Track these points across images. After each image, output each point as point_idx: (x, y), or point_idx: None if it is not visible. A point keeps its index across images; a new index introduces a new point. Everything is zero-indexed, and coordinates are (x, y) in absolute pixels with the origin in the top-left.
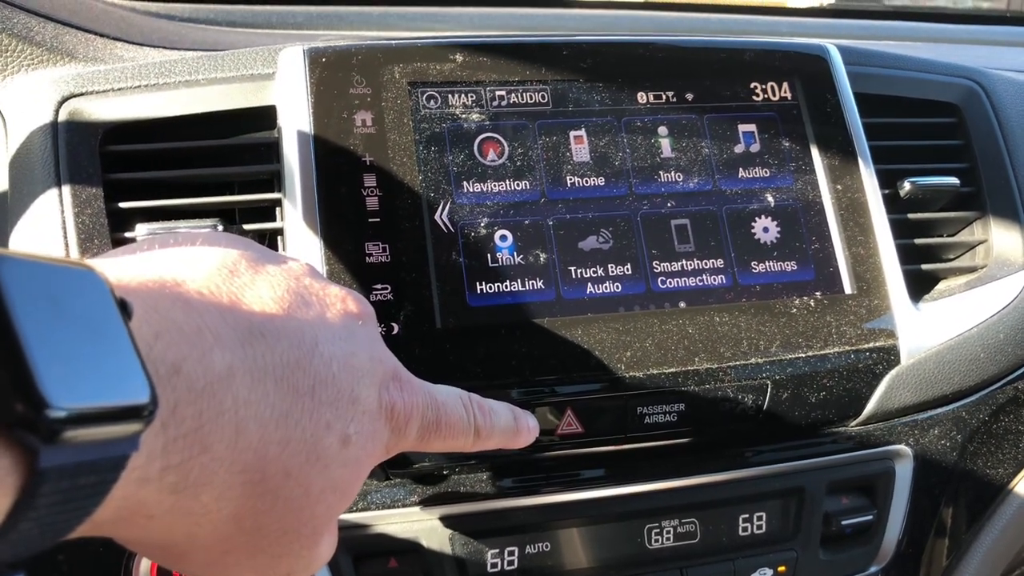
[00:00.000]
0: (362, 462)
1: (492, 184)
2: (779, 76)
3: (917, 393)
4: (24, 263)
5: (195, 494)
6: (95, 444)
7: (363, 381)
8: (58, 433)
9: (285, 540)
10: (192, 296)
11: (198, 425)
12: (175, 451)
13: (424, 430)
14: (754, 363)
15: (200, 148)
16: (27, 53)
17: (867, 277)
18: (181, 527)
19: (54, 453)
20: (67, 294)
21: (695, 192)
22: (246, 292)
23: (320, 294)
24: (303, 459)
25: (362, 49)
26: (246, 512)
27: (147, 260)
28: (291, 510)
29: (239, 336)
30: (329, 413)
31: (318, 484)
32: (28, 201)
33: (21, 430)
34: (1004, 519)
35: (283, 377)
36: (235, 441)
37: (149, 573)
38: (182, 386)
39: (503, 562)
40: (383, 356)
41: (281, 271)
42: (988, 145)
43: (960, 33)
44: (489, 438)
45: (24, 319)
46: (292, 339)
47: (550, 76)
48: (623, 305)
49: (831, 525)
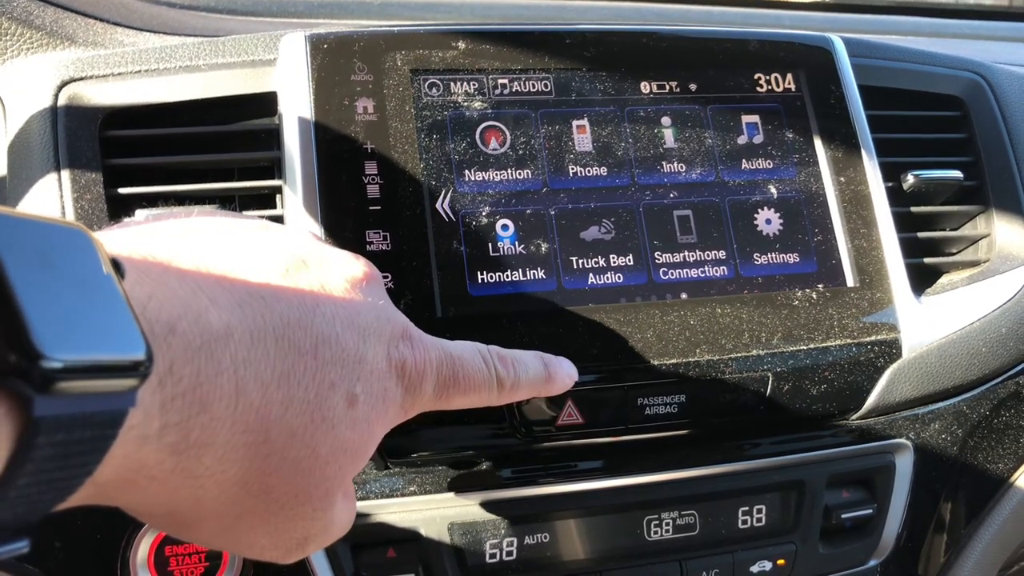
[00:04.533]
0: (372, 423)
1: (494, 173)
2: (783, 67)
3: (918, 387)
4: (16, 220)
5: (197, 455)
6: (91, 396)
7: (369, 340)
8: (52, 382)
9: (296, 503)
10: (185, 264)
11: (196, 384)
12: (173, 409)
13: (441, 386)
14: (755, 355)
15: (200, 134)
16: (27, 37)
17: (869, 270)
18: (186, 490)
19: (49, 403)
20: (60, 252)
21: (698, 183)
22: (243, 258)
23: (322, 255)
24: (307, 419)
25: (364, 36)
26: (252, 474)
27: (139, 232)
28: (299, 471)
29: (236, 298)
30: (333, 372)
31: (326, 445)
32: (27, 186)
33: (15, 379)
34: (1003, 514)
35: (283, 335)
36: (235, 401)
37: (147, 559)
38: (178, 344)
39: (502, 553)
40: (390, 315)
41: (279, 237)
42: (992, 139)
43: (963, 28)
44: (516, 389)
45: (17, 273)
46: (291, 299)
47: (553, 65)
48: (624, 296)
49: (831, 518)
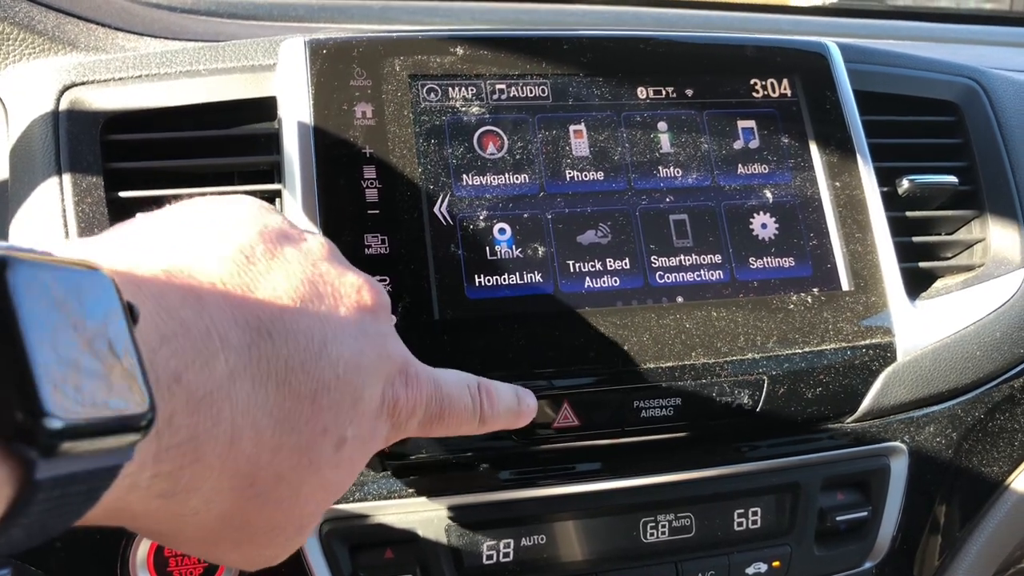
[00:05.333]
0: (356, 462)
1: (491, 177)
2: (779, 73)
3: (913, 390)
4: (32, 266)
5: (184, 499)
6: (90, 455)
7: (368, 380)
8: (56, 446)
9: (272, 534)
10: (203, 289)
11: (192, 435)
12: (167, 459)
13: (427, 422)
14: (751, 358)
15: (200, 138)
16: (29, 42)
17: (864, 274)
18: (167, 524)
19: (51, 465)
20: (75, 299)
21: (694, 188)
22: (260, 283)
23: (335, 283)
24: (295, 462)
25: (363, 41)
26: (235, 512)
27: (160, 243)
28: (279, 509)
29: (247, 336)
30: (328, 417)
31: (308, 485)
32: (28, 190)
33: (19, 443)
34: (998, 517)
35: (285, 380)
36: (228, 449)
37: (146, 560)
38: (181, 395)
39: (499, 554)
40: (392, 351)
41: (299, 256)
42: (987, 144)
43: (961, 33)
44: (494, 422)
45: (31, 329)
46: (300, 340)
47: (550, 70)
48: (621, 299)
49: (826, 521)
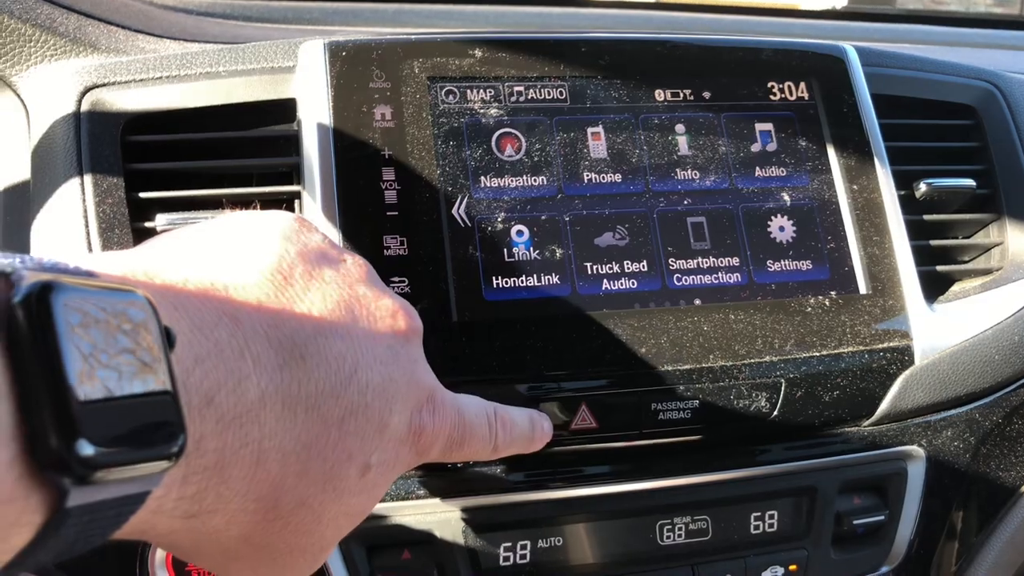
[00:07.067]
0: (379, 487)
1: (509, 179)
2: (797, 76)
3: (930, 394)
4: (75, 292)
5: (207, 519)
6: (121, 482)
7: (396, 407)
8: (90, 475)
9: (291, 557)
10: (240, 308)
11: (220, 458)
12: (193, 482)
13: (447, 448)
14: (768, 361)
15: (220, 139)
16: (50, 44)
17: (882, 277)
18: (188, 541)
19: (82, 492)
20: (113, 323)
21: (711, 190)
22: (296, 304)
23: (371, 307)
24: (319, 488)
25: (382, 44)
26: (256, 534)
27: (199, 258)
28: (301, 533)
29: (280, 359)
30: (353, 443)
31: (331, 511)
32: (50, 190)
33: (53, 471)
34: (1016, 522)
35: (314, 406)
36: (254, 471)
37: (165, 560)
38: (211, 417)
39: (515, 556)
40: (421, 379)
41: (337, 278)
42: (1004, 147)
43: (976, 37)
44: (507, 450)
45: (70, 359)
46: (332, 364)
47: (568, 72)
48: (638, 301)
49: (843, 525)
